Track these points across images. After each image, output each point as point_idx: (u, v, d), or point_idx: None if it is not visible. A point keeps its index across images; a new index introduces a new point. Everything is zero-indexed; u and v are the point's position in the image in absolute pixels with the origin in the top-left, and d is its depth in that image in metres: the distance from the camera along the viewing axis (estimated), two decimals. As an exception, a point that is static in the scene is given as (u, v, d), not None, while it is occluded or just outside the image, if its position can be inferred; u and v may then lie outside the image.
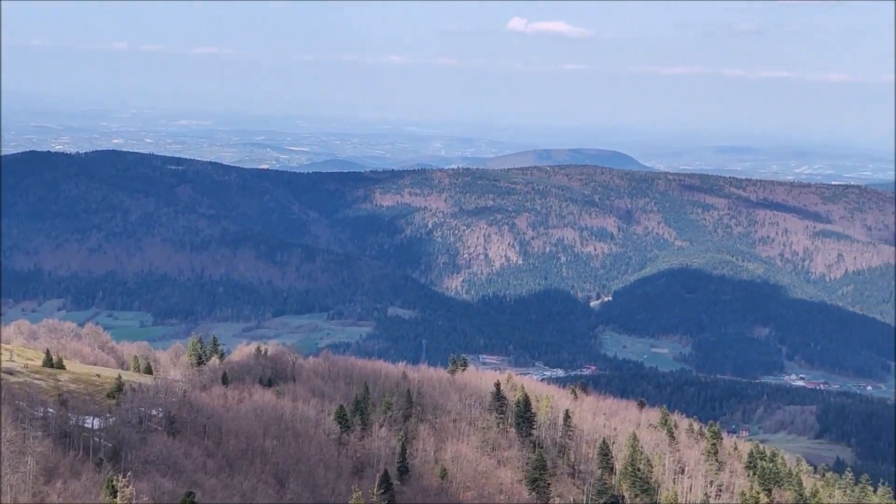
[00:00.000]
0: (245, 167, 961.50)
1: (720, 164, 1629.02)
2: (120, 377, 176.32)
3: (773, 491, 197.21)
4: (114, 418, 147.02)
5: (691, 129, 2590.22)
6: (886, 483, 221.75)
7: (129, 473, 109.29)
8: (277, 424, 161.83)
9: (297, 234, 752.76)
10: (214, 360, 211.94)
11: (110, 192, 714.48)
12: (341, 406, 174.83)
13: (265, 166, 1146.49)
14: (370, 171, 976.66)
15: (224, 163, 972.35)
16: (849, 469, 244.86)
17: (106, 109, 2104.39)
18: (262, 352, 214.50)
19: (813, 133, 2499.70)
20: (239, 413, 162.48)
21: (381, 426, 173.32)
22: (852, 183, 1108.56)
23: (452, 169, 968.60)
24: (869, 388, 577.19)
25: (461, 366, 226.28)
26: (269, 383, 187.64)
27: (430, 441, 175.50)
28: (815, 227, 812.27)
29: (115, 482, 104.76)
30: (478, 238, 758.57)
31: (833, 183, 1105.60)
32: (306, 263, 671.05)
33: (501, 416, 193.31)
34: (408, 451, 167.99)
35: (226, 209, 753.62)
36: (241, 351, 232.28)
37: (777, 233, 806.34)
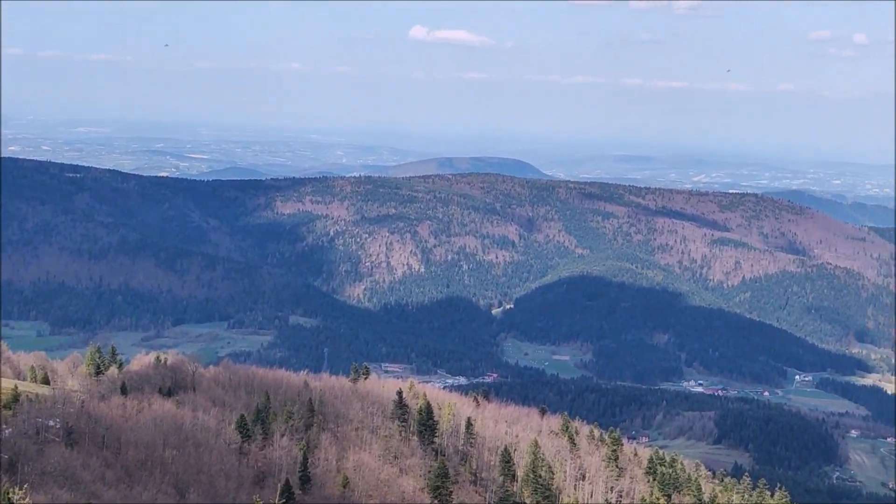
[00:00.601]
0: (144, 175, 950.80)
1: (620, 172, 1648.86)
2: (16, 388, 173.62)
3: (673, 496, 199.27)
4: (10, 429, 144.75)
5: (591, 137, 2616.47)
6: (783, 487, 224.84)
7: (25, 486, 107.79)
8: (177, 434, 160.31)
9: (198, 243, 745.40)
10: (113, 369, 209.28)
11: (6, 199, 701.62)
12: (242, 415, 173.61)
13: (165, 174, 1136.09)
14: (271, 178, 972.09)
15: (123, 170, 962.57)
16: (747, 474, 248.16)
17: (2, 116, 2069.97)
18: (162, 361, 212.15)
19: (711, 142, 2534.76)
20: (138, 423, 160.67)
21: (282, 435, 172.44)
22: (749, 191, 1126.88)
23: (354, 177, 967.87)
24: (766, 393, 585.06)
25: (363, 374, 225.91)
26: (168, 393, 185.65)
27: (331, 450, 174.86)
28: (712, 235, 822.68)
29: (11, 494, 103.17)
30: (380, 246, 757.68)
31: (730, 191, 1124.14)
32: (206, 272, 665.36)
33: (404, 424, 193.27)
34: (309, 461, 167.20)
35: (124, 217, 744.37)
36: (141, 360, 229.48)
37: (676, 241, 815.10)
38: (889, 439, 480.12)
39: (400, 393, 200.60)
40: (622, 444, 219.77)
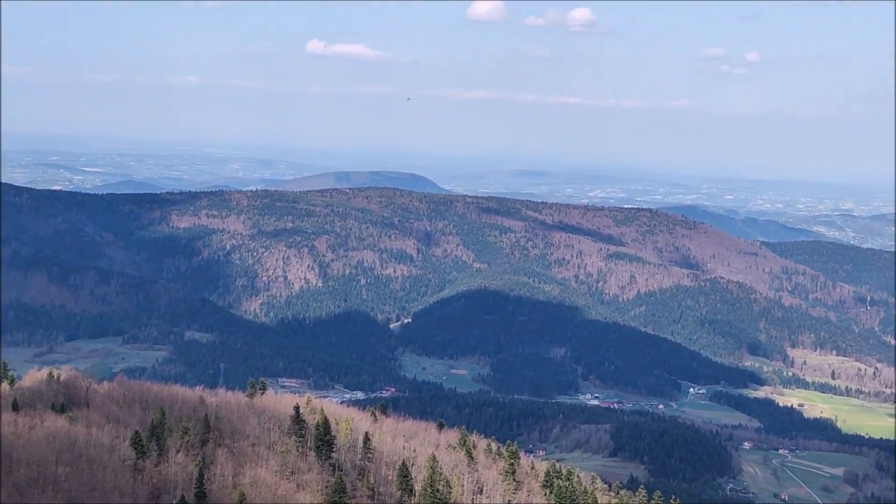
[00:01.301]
0: (37, 188, 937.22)
1: (517, 187, 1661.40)
2: None
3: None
4: None
5: (489, 152, 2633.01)
6: (678, 499, 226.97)
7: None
8: (70, 451, 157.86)
9: (92, 257, 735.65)
10: (4, 385, 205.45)
11: None
12: (137, 432, 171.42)
13: (58, 187, 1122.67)
14: (166, 192, 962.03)
15: (15, 184, 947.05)
16: (642, 486, 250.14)
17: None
18: (55, 377, 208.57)
19: (606, 157, 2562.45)
20: (30, 440, 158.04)
21: (177, 451, 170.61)
22: (644, 206, 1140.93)
23: (251, 191, 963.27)
24: (661, 406, 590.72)
25: (260, 389, 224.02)
26: (61, 409, 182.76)
27: (228, 466, 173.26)
28: (608, 250, 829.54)
29: None
30: (277, 260, 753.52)
31: (625, 206, 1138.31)
32: (101, 286, 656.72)
33: (301, 439, 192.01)
34: (205, 477, 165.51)
35: (16, 231, 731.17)
36: (33, 376, 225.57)
37: (572, 255, 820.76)
38: (781, 451, 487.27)
39: (297, 408, 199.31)
40: (519, 458, 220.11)
